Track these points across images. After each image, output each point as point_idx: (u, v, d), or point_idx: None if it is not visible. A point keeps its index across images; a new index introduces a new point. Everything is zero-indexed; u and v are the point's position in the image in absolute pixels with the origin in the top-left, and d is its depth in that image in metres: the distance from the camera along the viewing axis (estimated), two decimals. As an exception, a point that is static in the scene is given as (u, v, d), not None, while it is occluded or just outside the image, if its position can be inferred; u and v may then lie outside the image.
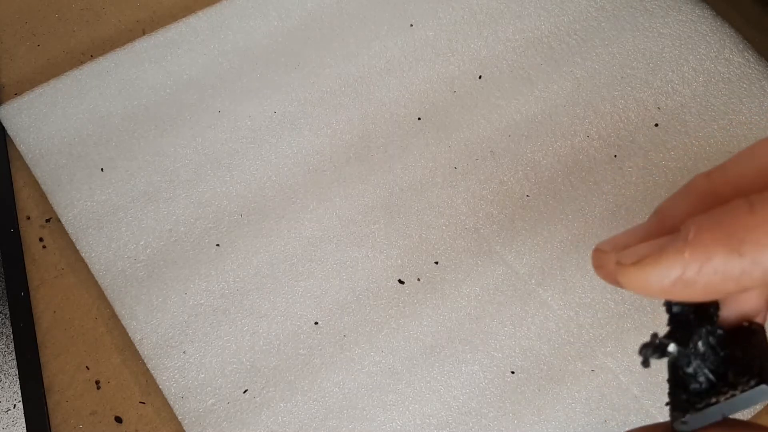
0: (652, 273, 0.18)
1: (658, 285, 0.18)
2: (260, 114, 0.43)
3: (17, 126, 0.42)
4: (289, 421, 0.36)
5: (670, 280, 0.18)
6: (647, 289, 0.19)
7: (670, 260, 0.18)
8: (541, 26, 0.45)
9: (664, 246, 0.19)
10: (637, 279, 0.19)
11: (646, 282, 0.19)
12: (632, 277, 0.19)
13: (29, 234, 0.41)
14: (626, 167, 0.41)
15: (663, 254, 0.18)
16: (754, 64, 0.44)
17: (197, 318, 0.38)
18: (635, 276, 0.19)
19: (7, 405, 0.37)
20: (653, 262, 0.18)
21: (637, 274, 0.19)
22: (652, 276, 0.18)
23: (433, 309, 0.38)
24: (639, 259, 0.19)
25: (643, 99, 0.43)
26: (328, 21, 0.46)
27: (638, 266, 0.19)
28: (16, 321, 0.38)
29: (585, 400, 0.36)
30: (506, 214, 0.40)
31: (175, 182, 0.41)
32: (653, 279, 0.18)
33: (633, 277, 0.19)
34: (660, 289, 0.18)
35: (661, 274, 0.18)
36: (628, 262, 0.19)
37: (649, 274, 0.18)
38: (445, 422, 0.36)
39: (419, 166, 0.41)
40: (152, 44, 0.45)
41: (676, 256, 0.18)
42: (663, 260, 0.18)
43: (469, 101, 0.43)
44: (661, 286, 0.18)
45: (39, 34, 0.47)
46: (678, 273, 0.18)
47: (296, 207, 0.40)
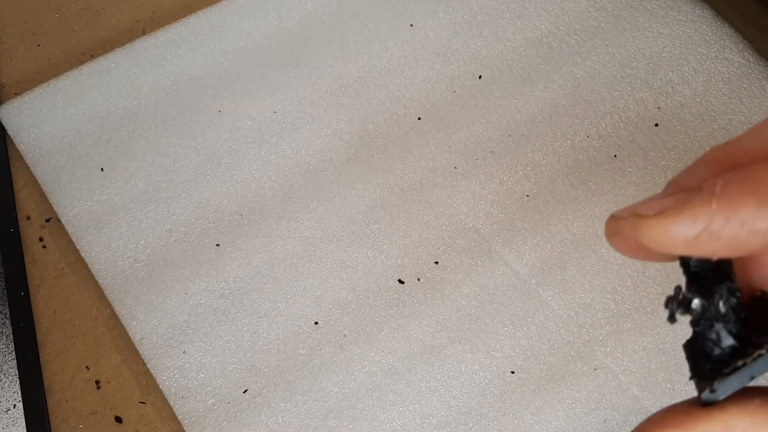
0: (675, 224, 0.18)
1: (681, 237, 0.17)
2: (260, 114, 0.43)
3: (17, 126, 0.42)
4: (289, 421, 0.36)
5: (695, 233, 0.17)
6: (669, 243, 0.18)
7: (696, 211, 0.17)
8: (541, 26, 0.45)
9: (689, 198, 0.18)
10: (659, 231, 0.18)
11: (668, 234, 0.18)
12: (654, 229, 0.18)
13: (29, 234, 0.41)
14: (626, 167, 0.41)
15: (688, 205, 0.18)
16: (754, 64, 0.44)
17: (197, 318, 0.38)
18: (657, 227, 0.18)
19: (7, 405, 0.37)
20: (678, 212, 0.18)
21: (660, 225, 0.18)
22: (675, 227, 0.17)
23: (433, 309, 0.38)
24: (662, 210, 0.18)
25: (643, 99, 0.43)
26: (328, 21, 0.46)
27: (661, 217, 0.18)
28: (16, 321, 0.38)
29: (585, 400, 0.36)
30: (506, 214, 0.40)
31: (175, 182, 0.41)
32: (677, 230, 0.17)
33: (655, 229, 0.18)
34: (683, 241, 0.17)
35: (686, 226, 0.17)
36: (650, 213, 0.18)
37: (673, 225, 0.18)
38: (445, 422, 0.36)
39: (419, 166, 0.41)
40: (152, 44, 0.45)
41: (703, 207, 0.17)
42: (688, 211, 0.17)
43: (469, 101, 0.43)
44: (684, 239, 0.17)
45: (39, 34, 0.47)
46: (703, 225, 0.17)
47: (296, 207, 0.40)
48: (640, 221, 0.18)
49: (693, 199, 0.18)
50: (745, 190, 0.17)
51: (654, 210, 0.18)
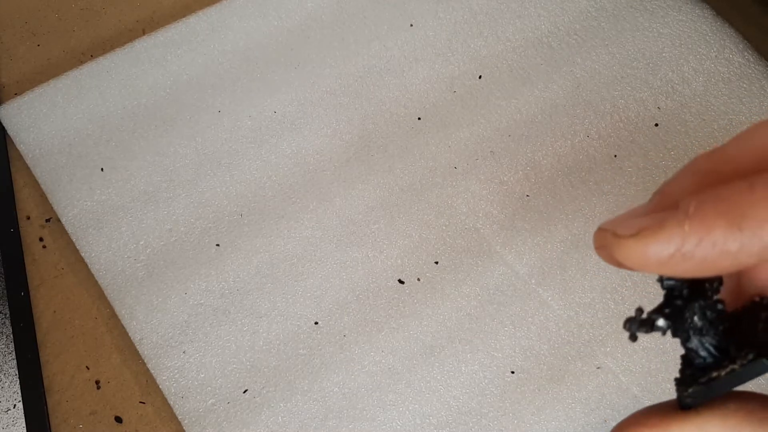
0: (650, 245, 0.18)
1: (656, 257, 0.18)
2: (260, 114, 0.43)
3: (17, 126, 0.42)
4: (289, 421, 0.36)
5: (668, 253, 0.18)
6: (644, 262, 0.18)
7: (670, 232, 0.18)
8: (541, 26, 0.45)
9: (664, 218, 0.18)
10: (635, 251, 0.18)
11: (644, 254, 0.18)
12: (630, 250, 0.19)
13: (29, 234, 0.41)
14: (626, 167, 0.41)
15: (663, 226, 0.18)
16: (754, 64, 0.44)
17: (197, 318, 0.38)
18: (633, 248, 0.18)
19: (7, 405, 0.37)
20: (652, 233, 0.18)
21: (635, 245, 0.18)
22: (650, 248, 0.18)
23: (433, 309, 0.38)
24: (638, 230, 0.19)
25: (643, 99, 0.43)
26: (328, 21, 0.46)
27: (636, 238, 0.18)
28: (16, 321, 0.38)
29: (585, 400, 0.36)
30: (506, 214, 0.40)
31: (175, 182, 0.41)
32: (651, 251, 0.18)
33: (631, 250, 0.18)
34: (657, 261, 0.18)
35: (660, 247, 0.18)
36: (626, 233, 0.19)
37: (647, 246, 0.18)
38: (445, 422, 0.36)
39: (419, 166, 0.41)
40: (152, 44, 0.45)
41: (676, 229, 0.18)
42: (662, 232, 0.18)
43: (469, 101, 0.43)
44: (658, 259, 0.18)
45: (39, 34, 0.47)
46: (677, 246, 0.18)
47: (296, 207, 0.40)
48: (617, 241, 0.19)
49: (668, 220, 0.18)
50: (717, 212, 0.18)
51: (631, 230, 0.19)
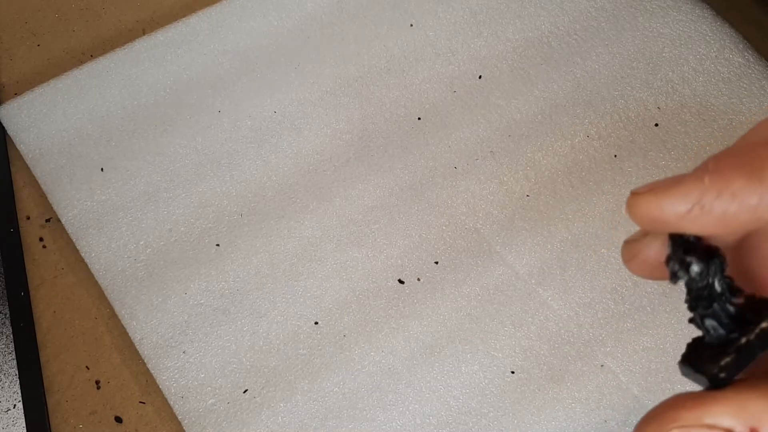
0: (668, 198, 0.18)
1: (674, 212, 0.18)
2: (260, 114, 0.43)
3: (17, 126, 0.42)
4: (289, 421, 0.36)
5: (687, 207, 0.18)
6: (662, 217, 0.18)
7: (689, 185, 0.18)
8: (541, 26, 0.45)
9: (682, 176, 0.18)
10: (652, 205, 0.18)
11: (661, 208, 0.18)
12: (647, 204, 0.18)
13: (29, 234, 0.41)
14: (626, 167, 0.41)
15: (681, 181, 0.18)
16: (754, 64, 0.44)
17: (197, 318, 0.38)
18: (650, 202, 0.18)
19: (7, 405, 0.37)
20: (670, 187, 0.18)
21: (652, 200, 0.18)
22: (668, 202, 0.18)
23: (433, 309, 0.38)
24: (655, 187, 0.18)
25: (643, 99, 0.43)
26: (328, 21, 0.46)
27: (653, 192, 0.18)
28: (16, 321, 0.38)
29: (585, 400, 0.36)
30: (506, 214, 0.40)
31: (175, 182, 0.41)
32: (669, 205, 0.18)
33: (648, 204, 0.18)
34: (675, 215, 0.18)
35: (678, 200, 0.18)
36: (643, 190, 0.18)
37: (666, 200, 0.18)
38: (445, 422, 0.36)
39: (419, 166, 0.41)
40: (152, 44, 0.45)
41: (695, 182, 0.18)
42: (681, 185, 0.18)
43: (469, 101, 0.43)
44: (676, 213, 0.18)
45: (39, 34, 0.47)
46: (695, 199, 0.18)
47: (296, 207, 0.40)
48: (633, 198, 0.19)
49: (686, 176, 0.18)
50: (736, 165, 0.18)
51: (649, 187, 0.19)
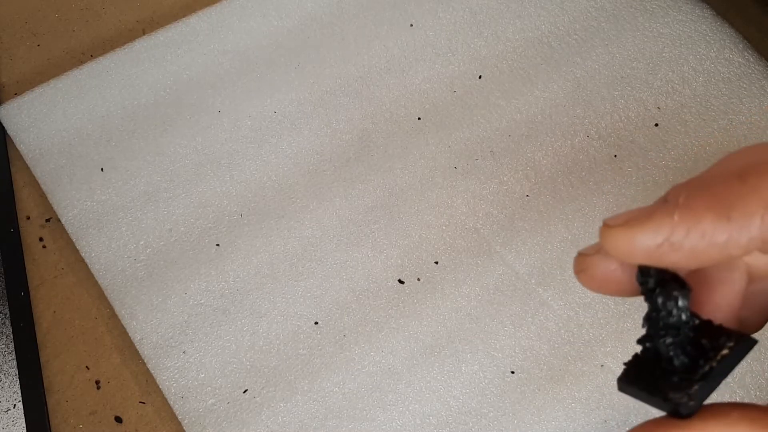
0: (639, 234, 0.18)
1: (644, 247, 0.18)
2: (260, 114, 0.43)
3: (17, 126, 0.42)
4: (289, 421, 0.36)
5: (657, 242, 0.18)
6: (633, 252, 0.18)
7: (659, 221, 0.18)
8: (541, 26, 0.45)
9: (654, 209, 0.19)
10: (624, 240, 0.18)
11: (633, 243, 0.18)
12: (620, 239, 0.19)
13: (29, 234, 0.41)
14: (626, 167, 0.41)
15: (652, 216, 0.18)
16: (754, 64, 0.44)
17: (197, 318, 0.38)
18: (623, 237, 0.19)
19: (7, 405, 0.37)
20: (641, 223, 0.18)
21: (625, 234, 0.18)
22: (639, 237, 0.18)
23: (433, 309, 0.38)
24: (627, 220, 0.19)
25: (643, 99, 0.43)
26: (328, 21, 0.46)
27: (626, 227, 0.19)
28: (16, 321, 0.38)
29: (585, 400, 0.36)
30: (506, 214, 0.40)
31: (175, 182, 0.41)
32: (640, 240, 0.18)
33: (620, 239, 0.19)
34: (646, 251, 0.18)
35: (649, 236, 0.18)
36: (616, 223, 0.19)
37: (637, 235, 0.18)
38: (445, 422, 0.36)
39: (419, 166, 0.41)
40: (152, 44, 0.45)
41: (666, 218, 0.18)
42: (652, 221, 0.18)
43: (469, 101, 0.43)
44: (647, 248, 0.18)
45: (39, 34, 0.47)
46: (666, 235, 0.18)
47: (296, 207, 0.40)
48: (607, 230, 0.19)
49: (657, 211, 0.18)
50: (706, 204, 0.18)
51: (620, 220, 0.19)
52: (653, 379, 0.20)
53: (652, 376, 0.20)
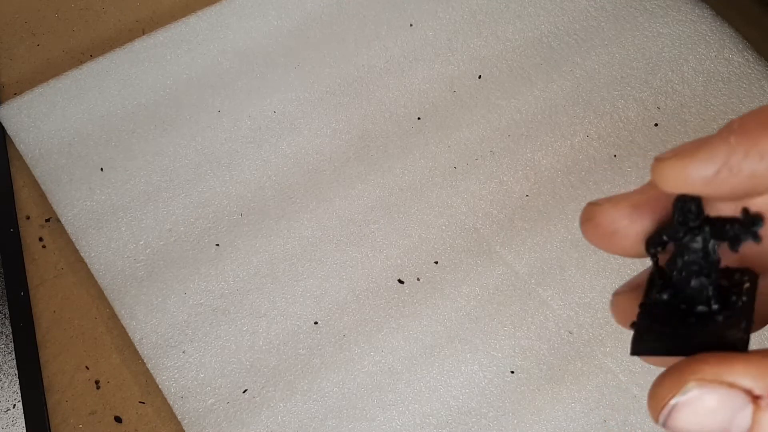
0: (694, 161, 0.17)
1: (701, 175, 0.17)
2: (260, 114, 0.43)
3: (17, 126, 0.42)
4: (289, 421, 0.36)
5: (715, 169, 0.17)
6: (688, 181, 0.18)
7: (715, 147, 0.17)
8: (541, 26, 0.45)
9: (707, 138, 0.18)
10: (679, 169, 0.17)
11: (687, 172, 0.17)
12: (673, 169, 0.18)
13: (29, 234, 0.41)
14: (626, 167, 0.41)
15: (707, 142, 0.17)
16: (754, 64, 0.44)
17: (197, 318, 0.38)
18: (676, 166, 0.17)
19: (7, 405, 0.37)
20: (696, 149, 0.17)
21: (678, 163, 0.17)
22: (695, 164, 0.17)
23: (433, 309, 0.38)
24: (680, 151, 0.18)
25: (643, 99, 0.43)
26: (327, 21, 0.46)
27: (679, 156, 0.18)
28: (16, 321, 0.38)
29: (585, 400, 0.36)
30: (506, 214, 0.40)
31: (175, 182, 0.41)
32: (696, 168, 0.17)
33: (674, 168, 0.18)
34: (702, 179, 0.17)
35: (705, 162, 0.17)
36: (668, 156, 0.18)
37: (692, 163, 0.17)
38: (445, 422, 0.36)
39: (419, 166, 0.41)
40: (152, 44, 0.45)
41: (721, 143, 0.17)
42: (707, 147, 0.17)
43: (469, 101, 0.43)
44: (703, 176, 0.17)
45: (39, 34, 0.47)
46: (723, 160, 0.17)
47: (296, 207, 0.40)
48: (658, 164, 0.18)
49: (711, 138, 0.17)
50: (763, 123, 0.17)
51: (672, 153, 0.18)
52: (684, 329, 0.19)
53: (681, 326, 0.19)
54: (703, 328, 0.19)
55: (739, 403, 0.17)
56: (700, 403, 0.17)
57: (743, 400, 0.17)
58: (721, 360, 0.18)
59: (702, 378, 0.17)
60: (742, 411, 0.17)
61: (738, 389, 0.17)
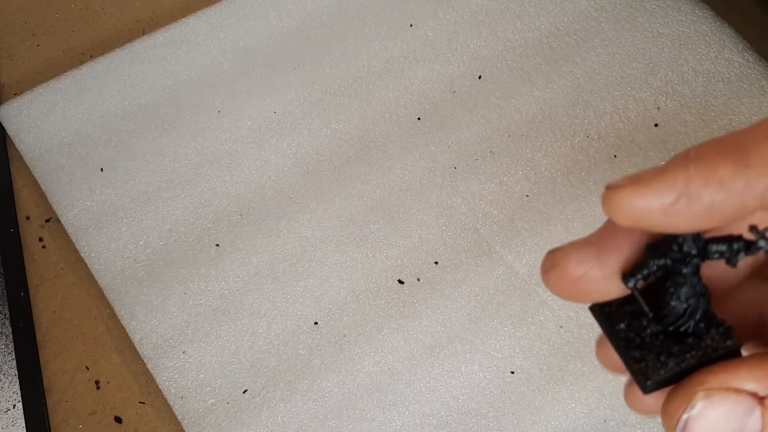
0: (651, 188, 0.16)
1: (659, 204, 0.16)
2: (260, 114, 0.43)
3: (17, 126, 0.42)
4: (289, 421, 0.36)
5: (673, 197, 0.16)
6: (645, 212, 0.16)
7: (671, 175, 0.16)
8: (541, 26, 0.45)
9: (663, 166, 0.16)
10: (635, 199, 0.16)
11: (645, 202, 0.16)
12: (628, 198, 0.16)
13: (29, 234, 0.41)
14: (626, 167, 0.41)
15: (665, 169, 0.16)
16: (754, 64, 0.44)
17: (197, 318, 0.38)
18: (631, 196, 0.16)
19: (7, 405, 0.37)
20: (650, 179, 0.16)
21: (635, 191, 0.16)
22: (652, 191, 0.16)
23: (433, 309, 0.38)
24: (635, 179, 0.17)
25: (643, 99, 0.43)
26: (327, 21, 0.46)
27: (636, 184, 0.16)
28: (16, 321, 0.38)
29: (585, 400, 0.36)
30: (506, 214, 0.40)
31: (175, 182, 0.41)
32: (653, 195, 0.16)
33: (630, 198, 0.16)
34: (661, 209, 0.16)
35: (663, 190, 0.16)
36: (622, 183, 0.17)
37: (649, 190, 0.16)
38: (445, 422, 0.36)
39: (419, 166, 0.41)
40: (152, 44, 0.45)
41: (680, 170, 0.16)
42: (663, 176, 0.16)
43: (469, 101, 0.43)
44: (662, 206, 0.16)
45: (39, 34, 0.47)
46: (681, 189, 0.16)
47: (296, 207, 0.40)
48: (611, 192, 0.17)
49: (668, 165, 0.16)
50: (721, 152, 0.16)
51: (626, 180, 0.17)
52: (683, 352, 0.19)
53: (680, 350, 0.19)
54: (699, 345, 0.19)
55: (747, 406, 0.17)
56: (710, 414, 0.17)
57: (751, 403, 0.17)
58: (725, 368, 0.18)
59: (709, 388, 0.17)
60: (752, 414, 0.17)
61: (744, 394, 0.17)
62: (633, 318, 0.19)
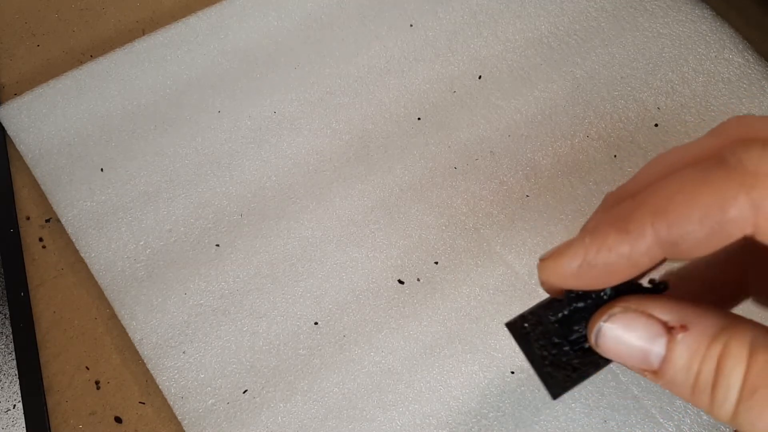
0: (562, 260, 0.22)
1: (569, 270, 0.22)
2: (260, 114, 0.43)
3: (17, 126, 0.42)
4: (289, 421, 0.36)
5: (577, 264, 0.21)
6: (562, 277, 0.22)
7: (576, 247, 0.22)
8: (541, 26, 0.45)
9: (572, 239, 0.22)
10: (553, 269, 0.22)
11: (559, 269, 0.22)
12: (549, 268, 0.22)
13: (29, 234, 0.41)
14: (626, 167, 0.41)
15: (571, 243, 0.22)
16: (754, 64, 0.44)
17: (197, 318, 0.38)
18: (551, 266, 0.22)
19: (7, 405, 0.37)
20: (562, 251, 0.22)
21: (552, 264, 0.22)
22: (562, 263, 0.22)
23: (433, 309, 0.38)
24: (553, 252, 0.22)
25: (643, 99, 0.43)
26: (327, 21, 0.46)
27: (552, 258, 0.22)
28: (16, 321, 0.38)
29: (585, 400, 0.36)
30: (506, 214, 0.40)
31: (175, 182, 0.41)
32: (563, 266, 0.22)
33: (550, 268, 0.22)
34: (571, 274, 0.22)
35: (569, 259, 0.22)
36: (547, 256, 0.23)
37: (560, 262, 0.22)
38: (445, 422, 0.36)
39: (419, 166, 0.41)
40: (152, 44, 0.45)
41: (579, 243, 0.22)
42: (570, 248, 0.22)
43: (469, 101, 0.43)
44: (571, 271, 0.22)
45: (39, 34, 0.47)
46: (582, 257, 0.21)
47: (296, 207, 0.40)
48: (540, 264, 0.23)
49: (574, 239, 0.22)
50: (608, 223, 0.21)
51: (549, 254, 0.23)
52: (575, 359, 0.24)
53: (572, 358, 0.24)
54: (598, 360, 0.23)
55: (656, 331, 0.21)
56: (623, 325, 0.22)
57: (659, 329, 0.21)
58: (645, 298, 0.22)
59: (627, 307, 0.22)
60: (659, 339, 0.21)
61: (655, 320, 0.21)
62: (545, 338, 0.24)
